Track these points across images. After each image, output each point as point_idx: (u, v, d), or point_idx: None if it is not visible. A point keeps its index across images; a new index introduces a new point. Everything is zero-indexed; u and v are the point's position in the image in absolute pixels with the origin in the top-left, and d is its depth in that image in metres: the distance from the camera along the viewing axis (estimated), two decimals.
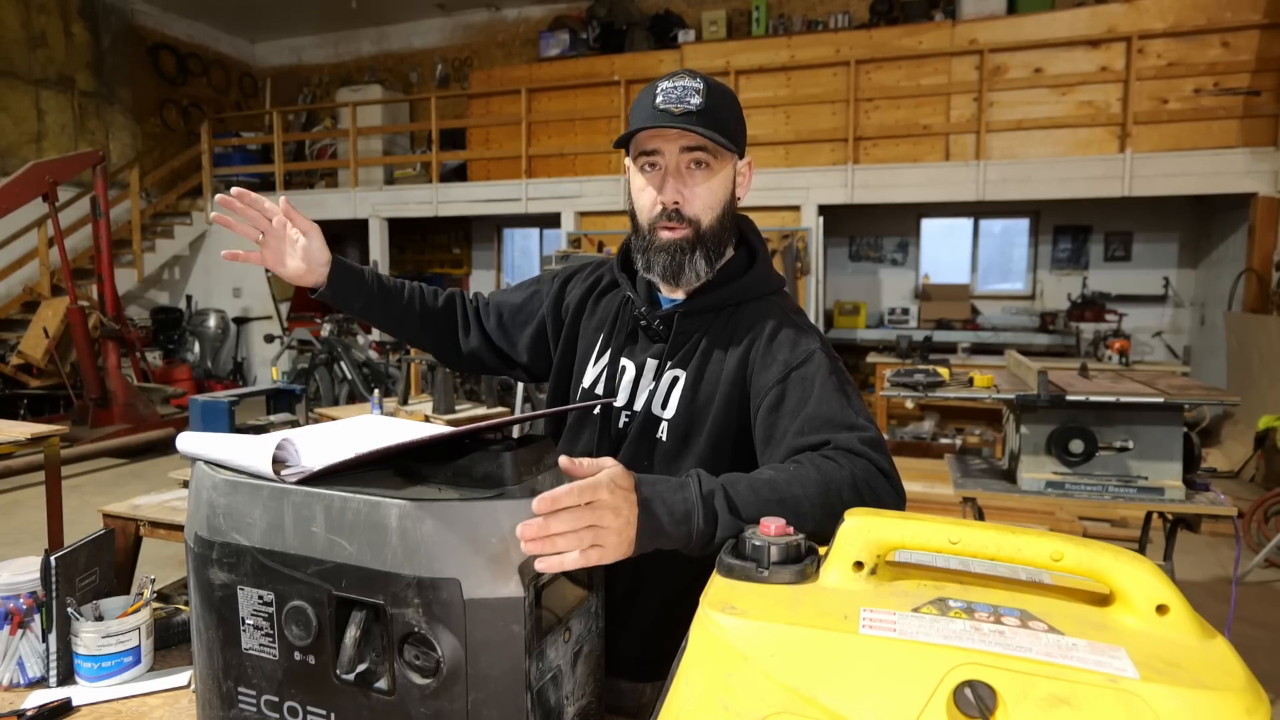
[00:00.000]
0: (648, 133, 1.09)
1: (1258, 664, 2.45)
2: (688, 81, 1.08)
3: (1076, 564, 0.66)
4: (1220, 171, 6.24)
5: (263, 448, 0.85)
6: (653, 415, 1.15)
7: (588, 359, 1.26)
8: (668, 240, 1.12)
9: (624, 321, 1.23)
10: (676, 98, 1.06)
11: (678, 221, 1.11)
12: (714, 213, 1.12)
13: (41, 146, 8.80)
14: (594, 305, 1.29)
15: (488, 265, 10.67)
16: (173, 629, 1.26)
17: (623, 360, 1.21)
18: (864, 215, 8.18)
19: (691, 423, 1.12)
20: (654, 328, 1.18)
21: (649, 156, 1.11)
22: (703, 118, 1.06)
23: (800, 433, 1.01)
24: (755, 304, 1.17)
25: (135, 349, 7.26)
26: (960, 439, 6.34)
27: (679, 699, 0.66)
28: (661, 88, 1.08)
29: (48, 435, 2.92)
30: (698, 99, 1.06)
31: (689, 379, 1.14)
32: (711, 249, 1.13)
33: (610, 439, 1.19)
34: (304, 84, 11.52)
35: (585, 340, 1.28)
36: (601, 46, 8.96)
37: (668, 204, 1.11)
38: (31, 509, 4.85)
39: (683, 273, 1.13)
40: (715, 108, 1.07)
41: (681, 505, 0.85)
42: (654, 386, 1.16)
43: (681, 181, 1.10)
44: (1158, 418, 2.47)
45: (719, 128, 1.07)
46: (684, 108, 1.06)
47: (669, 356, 1.16)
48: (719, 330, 1.15)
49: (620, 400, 1.19)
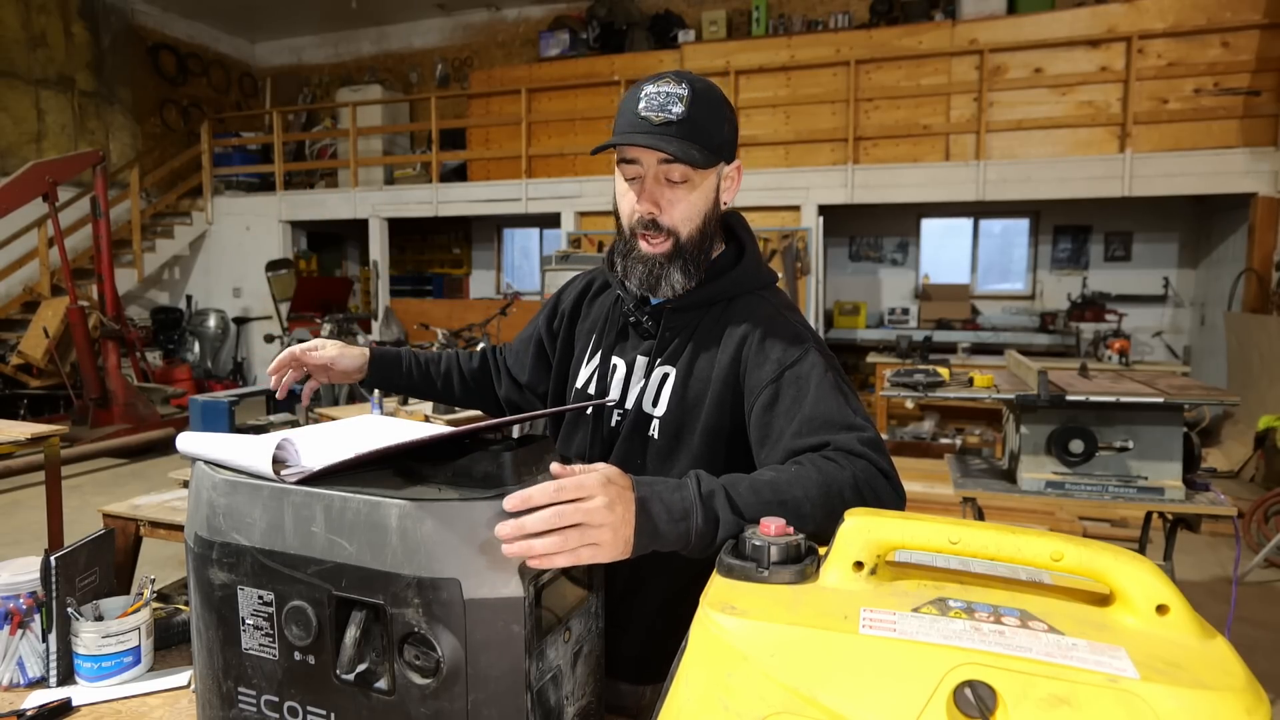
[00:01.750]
0: (626, 144, 1.06)
1: (1258, 664, 2.46)
2: (671, 88, 1.05)
3: (1076, 564, 0.66)
4: (1220, 171, 6.24)
5: (263, 448, 0.85)
6: (644, 413, 1.14)
7: (582, 359, 1.26)
8: (646, 253, 1.11)
9: (614, 320, 1.23)
10: (658, 105, 1.04)
11: (655, 231, 1.09)
12: (693, 224, 1.10)
13: (41, 146, 8.80)
14: (588, 308, 1.30)
15: (488, 265, 10.67)
16: (173, 629, 1.26)
17: (613, 358, 1.21)
18: (864, 215, 8.18)
19: (683, 420, 1.12)
20: (643, 324, 1.18)
21: (629, 164, 1.09)
22: (683, 128, 1.03)
23: (798, 434, 1.00)
24: (746, 299, 1.15)
25: (135, 349, 7.27)
26: (960, 439, 6.34)
27: (679, 699, 0.66)
28: (645, 92, 1.05)
29: (48, 435, 2.92)
30: (680, 108, 1.03)
31: (679, 376, 1.13)
32: (690, 260, 1.11)
33: (603, 438, 1.19)
34: (304, 84, 11.52)
35: (580, 341, 1.29)
36: (601, 46, 8.96)
37: (644, 214, 1.09)
38: (31, 509, 4.85)
39: (659, 285, 1.12)
40: (698, 117, 1.04)
41: (680, 505, 0.84)
42: (644, 384, 1.15)
43: (660, 192, 1.08)
44: (1158, 418, 2.47)
45: (700, 138, 1.04)
46: (664, 117, 1.03)
47: (658, 353, 1.16)
48: (709, 326, 1.14)
49: (611, 398, 1.19)
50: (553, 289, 5.98)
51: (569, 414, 1.25)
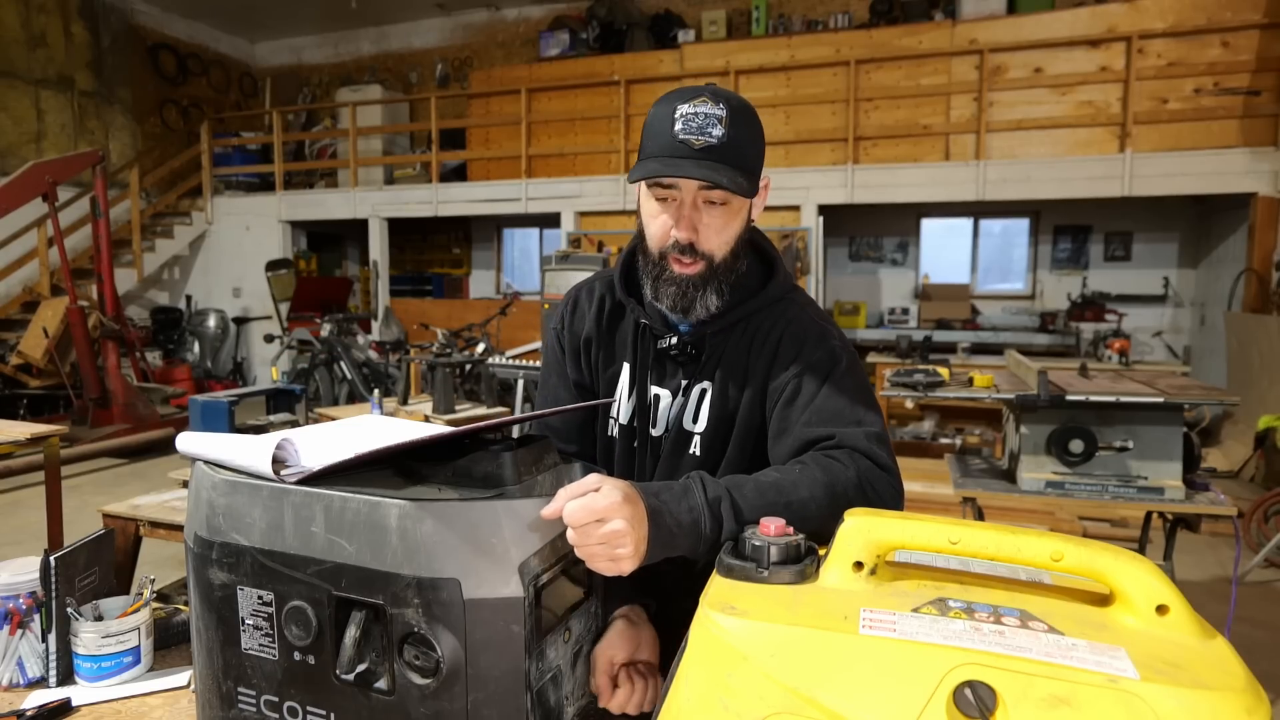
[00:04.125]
0: (672, 176, 1.00)
1: (1258, 664, 2.44)
2: (709, 108, 0.99)
3: (1076, 564, 0.66)
4: (1220, 171, 6.24)
5: (263, 448, 0.85)
6: (684, 431, 1.14)
7: (612, 388, 1.21)
8: (679, 275, 1.07)
9: (644, 350, 1.18)
10: (697, 127, 0.98)
11: (690, 256, 1.05)
12: (728, 247, 1.08)
13: (41, 146, 8.80)
14: (608, 335, 1.22)
15: (488, 265, 10.67)
16: (173, 629, 1.25)
17: (652, 389, 1.17)
18: (864, 215, 8.18)
19: (724, 432, 1.12)
20: (686, 354, 1.14)
21: (664, 188, 1.04)
22: (725, 153, 0.99)
23: (808, 423, 1.02)
24: (773, 306, 1.15)
25: (135, 349, 7.26)
26: (960, 439, 6.34)
27: (679, 699, 0.66)
28: (681, 113, 1.00)
29: (48, 435, 2.92)
30: (720, 130, 0.98)
31: (716, 390, 1.13)
32: (724, 280, 1.09)
33: (646, 461, 1.17)
34: (304, 84, 11.52)
35: (608, 369, 1.22)
36: (601, 46, 8.95)
37: (682, 240, 1.05)
38: (31, 509, 4.85)
39: (693, 308, 1.08)
40: (739, 139, 1.00)
41: (688, 514, 0.86)
42: (684, 403, 1.15)
43: (698, 217, 1.04)
44: (1158, 418, 2.47)
45: (742, 162, 1.00)
46: (705, 141, 0.98)
47: (695, 375, 1.14)
48: (739, 337, 1.13)
49: (658, 429, 1.16)
50: (553, 289, 5.97)
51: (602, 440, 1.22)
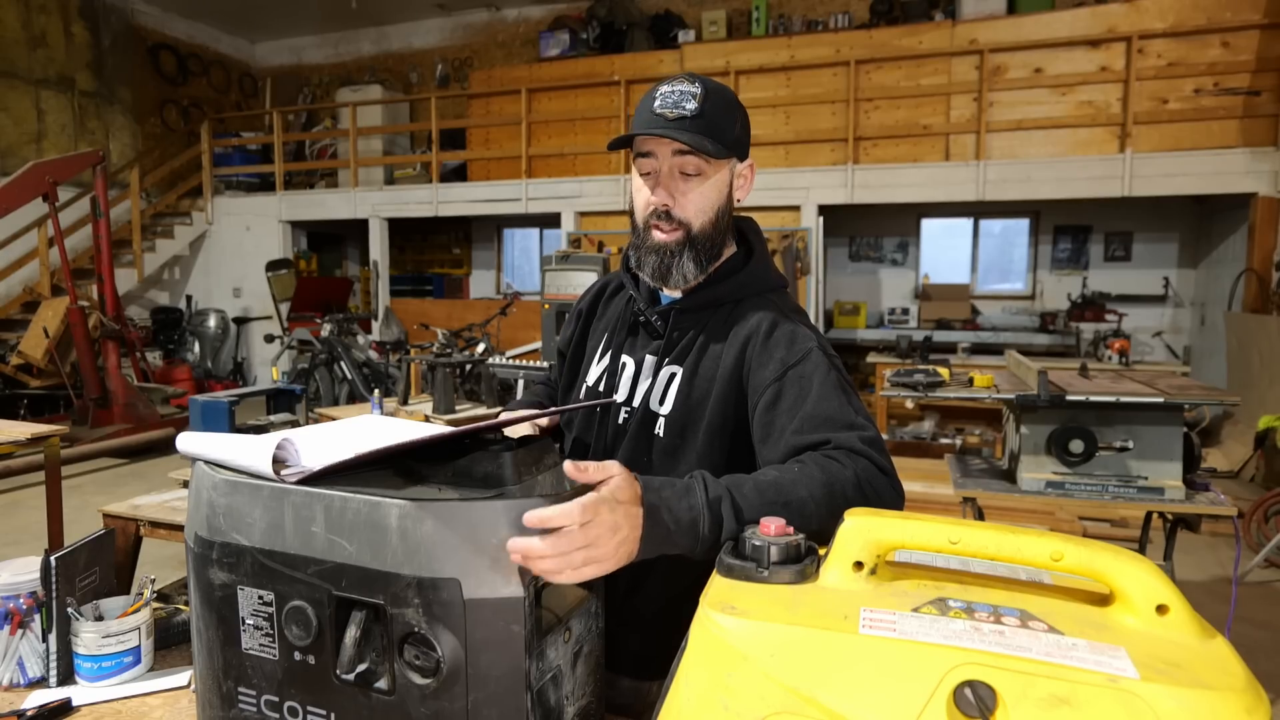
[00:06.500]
0: (643, 135, 1.11)
1: (1258, 664, 2.45)
2: (685, 86, 1.10)
3: (1076, 564, 0.66)
4: (1220, 171, 6.24)
5: (263, 448, 0.85)
6: (650, 411, 1.17)
7: (593, 358, 1.29)
8: (659, 242, 1.14)
9: (625, 319, 1.26)
10: (673, 102, 1.09)
11: (668, 223, 1.13)
12: (706, 216, 1.14)
13: (41, 146, 8.80)
14: (604, 308, 1.34)
15: (488, 265, 10.67)
16: (173, 629, 1.26)
17: (623, 357, 1.24)
18: (864, 215, 8.18)
19: (688, 418, 1.14)
20: (652, 324, 1.21)
21: (645, 159, 1.13)
22: (696, 123, 1.08)
23: (799, 431, 1.02)
24: (753, 301, 1.18)
25: (135, 349, 7.26)
26: (960, 439, 6.34)
27: (679, 699, 0.66)
28: (660, 91, 1.11)
29: (48, 435, 2.92)
30: (693, 104, 1.08)
31: (685, 375, 1.15)
32: (703, 251, 1.15)
33: (610, 435, 1.20)
34: (304, 84, 11.52)
35: (592, 340, 1.32)
36: (601, 46, 8.96)
37: (658, 205, 1.13)
38: (31, 509, 4.85)
39: (670, 274, 1.15)
40: (710, 113, 1.09)
41: (688, 514, 0.86)
42: (651, 382, 1.18)
43: (674, 184, 1.13)
44: (1158, 418, 2.47)
45: (712, 133, 1.09)
46: (678, 113, 1.08)
47: (666, 353, 1.18)
48: (716, 327, 1.17)
49: (620, 396, 1.21)
50: (553, 289, 5.99)
51: (576, 411, 1.25)
